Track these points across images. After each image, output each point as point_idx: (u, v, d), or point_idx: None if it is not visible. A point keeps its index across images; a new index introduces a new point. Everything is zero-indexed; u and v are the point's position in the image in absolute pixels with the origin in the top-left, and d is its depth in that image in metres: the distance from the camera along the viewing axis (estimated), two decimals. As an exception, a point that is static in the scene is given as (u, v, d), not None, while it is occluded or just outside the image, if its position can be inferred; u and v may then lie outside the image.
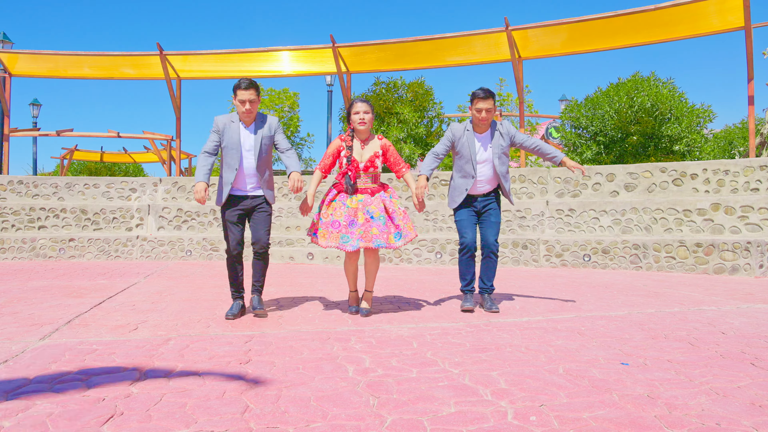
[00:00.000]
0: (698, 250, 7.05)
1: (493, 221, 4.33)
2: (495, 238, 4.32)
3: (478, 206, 4.36)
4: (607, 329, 3.57)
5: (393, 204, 4.11)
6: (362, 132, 4.13)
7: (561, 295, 5.10)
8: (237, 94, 3.97)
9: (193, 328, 3.61)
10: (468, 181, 4.30)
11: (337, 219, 3.98)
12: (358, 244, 3.92)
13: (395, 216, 4.06)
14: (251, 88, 3.96)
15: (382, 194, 4.12)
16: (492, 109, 4.23)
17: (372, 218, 3.97)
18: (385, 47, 10.80)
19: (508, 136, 4.34)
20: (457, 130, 4.35)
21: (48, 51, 11.52)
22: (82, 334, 3.43)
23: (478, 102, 4.22)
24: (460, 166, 4.35)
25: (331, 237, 3.96)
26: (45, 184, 9.95)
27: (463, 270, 4.42)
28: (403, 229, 4.06)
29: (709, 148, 10.16)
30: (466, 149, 4.30)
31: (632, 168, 8.27)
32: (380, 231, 3.94)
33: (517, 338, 3.32)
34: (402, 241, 4.03)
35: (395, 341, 3.25)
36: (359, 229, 3.94)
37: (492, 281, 4.42)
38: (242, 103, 3.96)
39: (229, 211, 4.04)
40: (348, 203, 4.02)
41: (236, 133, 4.03)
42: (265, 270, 4.15)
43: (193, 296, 5.05)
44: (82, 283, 6.03)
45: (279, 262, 8.65)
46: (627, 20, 9.29)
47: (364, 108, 4.11)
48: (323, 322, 3.85)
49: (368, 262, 4.21)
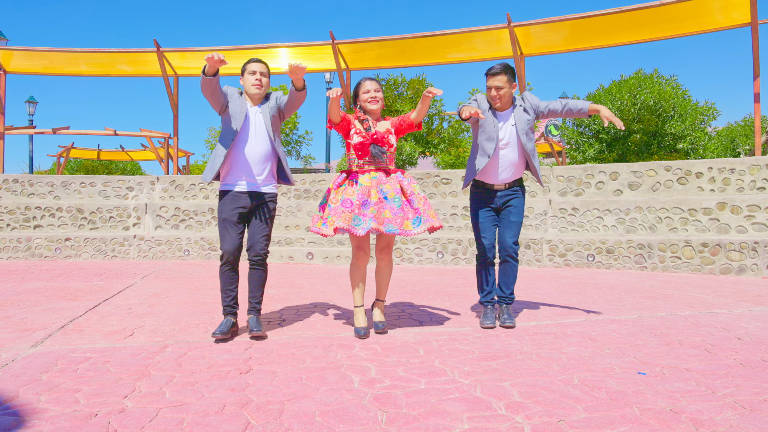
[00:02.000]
0: (704, 250, 6.95)
1: (513, 220, 3.81)
2: (514, 240, 3.81)
3: (498, 203, 3.84)
4: (619, 334, 3.46)
5: (411, 186, 3.56)
6: (374, 112, 3.65)
7: (568, 298, 4.99)
8: (247, 68, 3.54)
9: (191, 334, 3.49)
10: (483, 160, 3.77)
11: (349, 197, 3.42)
12: (370, 224, 3.32)
13: (414, 199, 3.50)
14: (262, 62, 3.59)
15: (399, 175, 3.60)
16: (504, 87, 3.71)
17: (386, 198, 3.43)
18: (386, 44, 10.67)
19: (532, 109, 3.87)
20: (482, 101, 3.87)
21: (43, 48, 11.37)
22: (76, 341, 3.30)
23: (488, 79, 3.74)
24: (481, 144, 3.81)
25: (342, 217, 3.35)
26: (41, 182, 9.81)
27: (481, 279, 3.92)
28: (423, 214, 3.47)
29: (713, 146, 10.07)
30: (489, 125, 3.76)
31: (636, 166, 8.16)
32: (393, 215, 3.38)
33: (527, 344, 3.21)
34: (422, 227, 3.42)
35: (401, 348, 3.13)
36: (372, 209, 3.38)
37: (512, 289, 3.88)
38: (252, 74, 3.51)
39: (229, 208, 3.46)
40: (361, 181, 3.47)
41: (243, 105, 3.52)
42: (263, 283, 3.61)
43: (191, 299, 4.93)
44: (78, 284, 5.91)
45: (278, 261, 8.53)
46: (631, 16, 9.17)
47: (374, 86, 3.64)
48: (325, 327, 3.73)
49: (380, 267, 3.68)
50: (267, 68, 3.66)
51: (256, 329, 3.39)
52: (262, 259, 3.56)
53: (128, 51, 11.30)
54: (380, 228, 3.35)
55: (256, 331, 3.38)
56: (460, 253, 8.16)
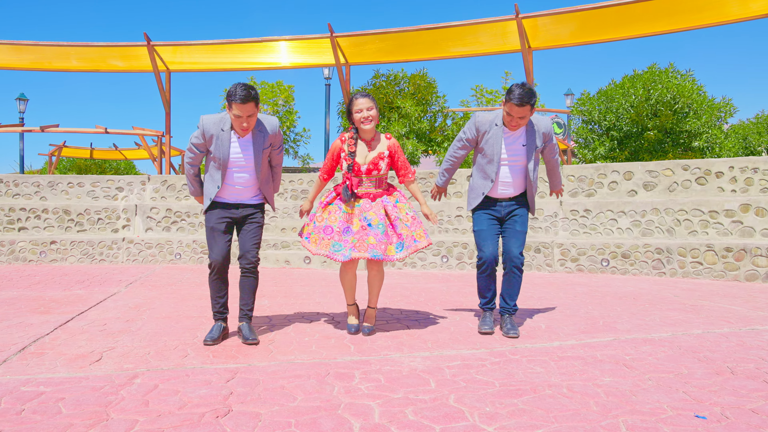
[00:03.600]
0: (728, 255, 6.51)
1: (518, 230, 3.68)
2: (520, 251, 3.67)
3: (502, 212, 3.72)
4: (657, 359, 3.02)
5: (398, 210, 3.61)
6: (367, 132, 3.59)
7: (588, 310, 4.55)
8: (232, 108, 3.22)
9: (167, 359, 3.05)
10: (487, 183, 3.68)
11: (331, 224, 3.55)
12: (350, 254, 3.45)
13: (397, 224, 3.57)
14: (250, 102, 3.17)
15: (385, 199, 3.62)
16: (527, 116, 3.51)
17: (369, 226, 3.49)
18: (386, 37, 10.21)
19: (543, 137, 3.67)
20: (483, 123, 3.67)
21: (31, 41, 10.90)
22: (33, 368, 2.86)
23: (512, 107, 3.46)
24: (481, 166, 3.72)
25: (321, 244, 3.53)
26: (26, 182, 9.37)
27: (482, 287, 3.83)
28: (406, 239, 3.56)
29: (729, 144, 9.62)
30: (491, 147, 3.63)
31: (652, 165, 7.71)
32: (377, 240, 3.45)
33: (554, 373, 2.77)
34: (404, 253, 3.54)
35: (408, 379, 2.69)
36: (353, 237, 3.48)
37: (515, 300, 3.76)
38: (238, 120, 3.25)
39: (216, 217, 3.43)
40: (345, 208, 3.59)
41: (226, 147, 3.33)
42: (255, 290, 3.54)
43: (174, 311, 4.49)
44: (56, 293, 5.46)
45: (274, 266, 8.09)
46: (645, 7, 8.72)
47: (367, 104, 3.53)
48: (321, 349, 3.29)
49: (371, 275, 3.74)
50: (255, 104, 3.25)
51: (250, 338, 3.36)
52: (254, 267, 3.49)
53: (117, 45, 10.84)
54: (363, 255, 3.44)
55: (250, 340, 3.35)
56: (466, 257, 7.72)
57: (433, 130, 10.86)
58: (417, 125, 10.38)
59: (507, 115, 3.54)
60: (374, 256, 3.42)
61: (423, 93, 10.83)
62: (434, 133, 10.83)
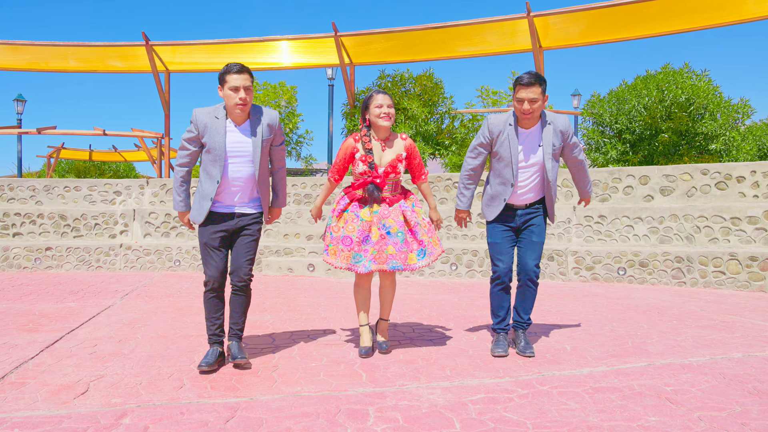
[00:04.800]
0: (752, 264, 6.20)
1: (535, 241, 3.45)
2: (536, 263, 3.45)
3: (518, 221, 3.48)
4: (703, 391, 2.72)
5: (416, 215, 3.42)
6: (384, 129, 3.39)
7: (612, 326, 4.26)
8: (227, 80, 3.03)
9: (161, 391, 2.76)
10: (507, 189, 3.41)
11: (349, 234, 3.34)
12: (371, 266, 3.30)
13: (418, 230, 3.39)
14: (245, 72, 3.06)
15: (403, 203, 3.43)
16: (538, 100, 3.28)
17: (388, 234, 3.33)
18: (392, 36, 9.93)
19: (561, 135, 3.41)
20: (496, 125, 3.42)
21: (27, 41, 10.64)
22: (11, 403, 2.58)
23: (519, 90, 3.29)
24: (498, 171, 3.45)
25: (341, 256, 3.34)
26: (22, 186, 9.10)
27: (495, 304, 3.57)
28: (428, 245, 3.40)
29: (747, 147, 9.31)
30: (506, 149, 3.38)
31: (669, 170, 7.42)
32: (397, 250, 3.31)
33: (591, 410, 2.48)
34: (426, 260, 3.39)
35: (429, 418, 2.40)
36: (372, 248, 3.32)
37: (529, 314, 3.56)
38: (235, 90, 3.01)
39: (209, 231, 3.16)
40: (362, 215, 3.35)
41: (221, 135, 3.07)
42: (247, 308, 3.30)
43: (171, 329, 4.21)
44: (47, 306, 5.18)
45: (277, 274, 7.81)
46: (660, 5, 8.42)
47: (388, 101, 3.36)
48: (330, 377, 3.00)
49: (384, 286, 3.57)
50: (251, 77, 3.10)
51: (239, 357, 3.15)
52: (246, 285, 3.25)
53: (116, 45, 10.57)
54: (382, 267, 3.31)
55: (239, 359, 3.14)
56: (476, 265, 7.43)
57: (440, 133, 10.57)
58: (424, 127, 10.09)
59: (518, 103, 3.33)
60: (394, 268, 3.30)
61: (430, 94, 10.53)
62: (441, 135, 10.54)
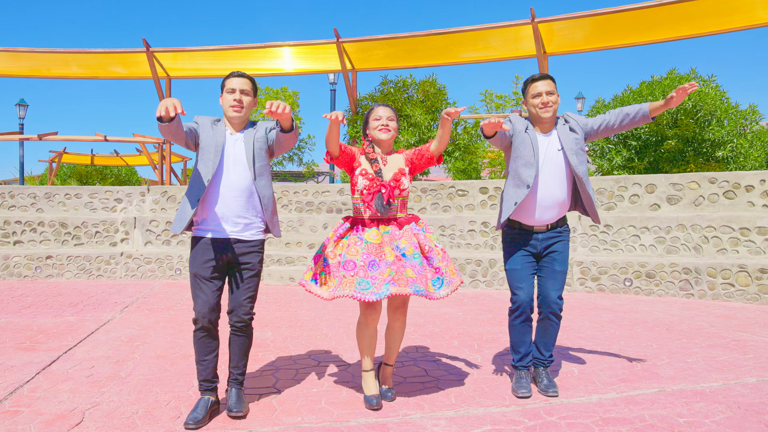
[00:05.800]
0: (762, 276, 6.10)
1: (558, 270, 3.17)
2: (558, 294, 3.16)
3: (539, 246, 3.18)
4: (717, 423, 2.63)
5: (428, 240, 3.03)
6: (385, 142, 3.08)
7: (620, 344, 4.16)
8: (226, 84, 2.88)
9: (157, 422, 2.68)
10: (521, 191, 3.10)
11: (352, 258, 2.87)
12: (388, 290, 2.76)
13: (433, 256, 2.98)
14: (246, 78, 2.89)
15: (414, 226, 3.04)
16: (555, 92, 3.12)
17: (404, 256, 2.89)
18: (394, 42, 9.85)
19: (580, 127, 3.18)
20: (518, 122, 3.21)
21: (29, 48, 10.61)
22: (3, 436, 2.51)
23: (534, 86, 3.11)
24: (516, 171, 3.15)
25: (343, 283, 2.83)
26: (22, 194, 9.05)
27: (515, 339, 3.23)
28: (445, 274, 2.98)
29: (755, 153, 9.21)
30: (527, 147, 3.11)
31: (676, 178, 7.31)
32: (417, 273, 2.85)
33: (602, 446, 2.39)
34: (445, 290, 2.94)
35: (434, 454, 2.32)
36: (389, 269, 2.82)
37: (551, 351, 3.26)
38: (231, 92, 2.84)
39: (200, 260, 2.78)
40: (367, 237, 2.91)
41: (219, 135, 2.84)
42: (248, 350, 2.92)
43: (170, 347, 4.13)
44: (46, 320, 5.11)
45: (278, 283, 7.73)
46: (666, 11, 8.32)
47: (387, 113, 3.09)
48: (331, 406, 2.92)
49: (394, 328, 3.11)
50: (251, 84, 2.93)
51: (235, 409, 2.76)
52: (247, 325, 2.89)
53: (117, 51, 10.52)
54: (404, 291, 2.78)
55: (235, 412, 2.75)
56: (480, 275, 7.33)
57: (443, 139, 10.47)
58: (427, 134, 10.00)
59: (534, 98, 3.12)
60: (418, 292, 2.81)
61: (432, 100, 10.45)
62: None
